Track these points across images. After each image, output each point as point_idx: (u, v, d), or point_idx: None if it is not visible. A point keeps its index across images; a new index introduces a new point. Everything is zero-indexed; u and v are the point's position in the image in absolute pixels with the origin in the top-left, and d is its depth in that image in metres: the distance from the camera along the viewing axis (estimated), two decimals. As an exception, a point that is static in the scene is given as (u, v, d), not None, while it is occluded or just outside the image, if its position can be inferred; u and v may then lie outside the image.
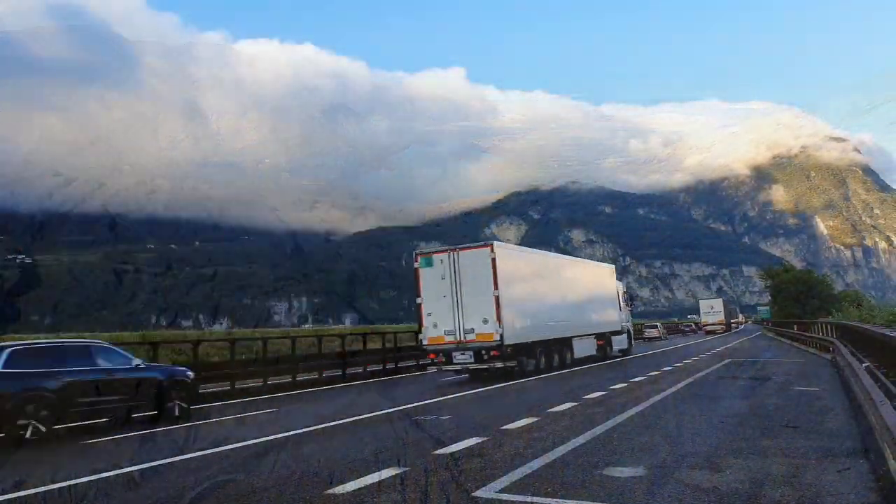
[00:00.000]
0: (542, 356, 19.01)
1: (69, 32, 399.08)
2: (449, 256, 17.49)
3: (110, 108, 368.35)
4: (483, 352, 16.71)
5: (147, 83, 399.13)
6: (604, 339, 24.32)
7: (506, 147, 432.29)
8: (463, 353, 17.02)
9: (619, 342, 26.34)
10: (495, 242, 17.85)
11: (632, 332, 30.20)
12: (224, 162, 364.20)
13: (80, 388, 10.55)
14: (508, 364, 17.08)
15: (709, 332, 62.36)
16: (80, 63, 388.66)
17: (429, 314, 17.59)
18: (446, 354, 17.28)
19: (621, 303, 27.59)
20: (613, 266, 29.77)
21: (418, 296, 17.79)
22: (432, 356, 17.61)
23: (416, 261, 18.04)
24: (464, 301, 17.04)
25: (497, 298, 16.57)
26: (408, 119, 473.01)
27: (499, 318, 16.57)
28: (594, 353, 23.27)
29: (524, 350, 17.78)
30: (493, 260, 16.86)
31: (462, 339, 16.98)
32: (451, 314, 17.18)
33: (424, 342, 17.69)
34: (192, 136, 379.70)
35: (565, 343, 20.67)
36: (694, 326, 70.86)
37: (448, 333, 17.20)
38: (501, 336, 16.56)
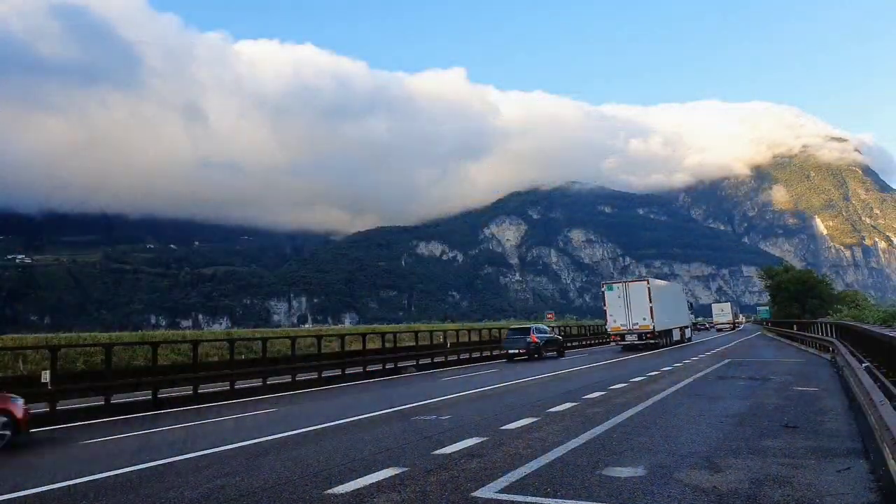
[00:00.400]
0: (663, 339, 33.10)
1: (70, 33, 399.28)
2: (623, 285, 32.71)
3: (110, 109, 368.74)
4: (643, 335, 31.32)
5: (147, 84, 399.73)
6: (682, 331, 38.50)
7: (506, 147, 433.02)
8: (631, 335, 31.58)
9: (688, 333, 41.06)
10: (649, 278, 33.66)
11: (692, 327, 46.77)
12: (224, 162, 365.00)
13: (547, 341, 26.95)
14: (656, 341, 31.75)
15: (719, 330, 75.98)
16: (80, 63, 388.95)
17: (611, 315, 32.27)
18: (621, 336, 31.96)
19: (688, 308, 42.93)
20: (681, 285, 50.84)
21: (604, 305, 32.75)
22: (613, 337, 32.58)
23: (603, 287, 33.68)
24: (631, 308, 31.63)
25: (651, 308, 31.32)
26: (408, 119, 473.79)
27: (652, 317, 31.25)
28: (678, 339, 36.98)
29: (660, 335, 32.20)
30: (648, 288, 31.97)
31: (630, 328, 31.59)
32: (624, 315, 31.81)
33: (609, 329, 32.61)
34: (193, 136, 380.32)
35: (670, 332, 34.81)
36: (707, 325, 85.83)
37: (622, 325, 31.88)
38: (654, 327, 31.24)
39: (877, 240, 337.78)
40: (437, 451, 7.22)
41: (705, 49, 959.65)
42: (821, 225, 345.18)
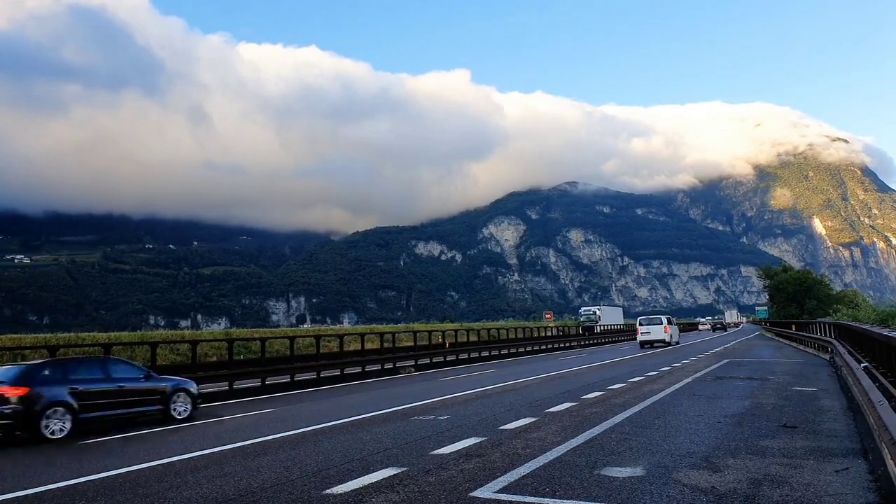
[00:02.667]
0: (734, 327, 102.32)
1: (75, 34, 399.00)
2: (728, 310, 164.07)
3: (114, 110, 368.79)
4: (735, 325, 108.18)
5: (154, 85, 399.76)
6: (740, 323, 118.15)
7: (507, 148, 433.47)
8: (730, 325, 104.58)
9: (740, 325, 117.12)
10: (734, 310, 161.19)
11: (740, 322, 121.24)
12: (227, 164, 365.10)
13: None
14: (734, 328, 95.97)
15: (727, 327, 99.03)
16: (81, 65, 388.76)
17: (704, 318, 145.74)
18: (713, 326, 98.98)
19: (737, 314, 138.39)
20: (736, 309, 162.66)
21: (721, 316, 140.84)
22: (713, 326, 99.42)
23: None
24: (730, 317, 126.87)
25: (736, 315, 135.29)
26: (411, 121, 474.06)
27: (737, 318, 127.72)
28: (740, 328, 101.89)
29: (732, 325, 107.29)
30: (736, 312, 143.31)
31: (729, 323, 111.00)
32: (729, 318, 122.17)
33: (713, 324, 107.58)
34: (196, 137, 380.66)
35: (740, 323, 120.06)
36: (721, 324, 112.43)
37: (727, 322, 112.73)
38: (737, 321, 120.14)
39: (875, 240, 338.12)
40: (435, 451, 7.23)
41: (707, 50, 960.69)
42: (819, 225, 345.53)
